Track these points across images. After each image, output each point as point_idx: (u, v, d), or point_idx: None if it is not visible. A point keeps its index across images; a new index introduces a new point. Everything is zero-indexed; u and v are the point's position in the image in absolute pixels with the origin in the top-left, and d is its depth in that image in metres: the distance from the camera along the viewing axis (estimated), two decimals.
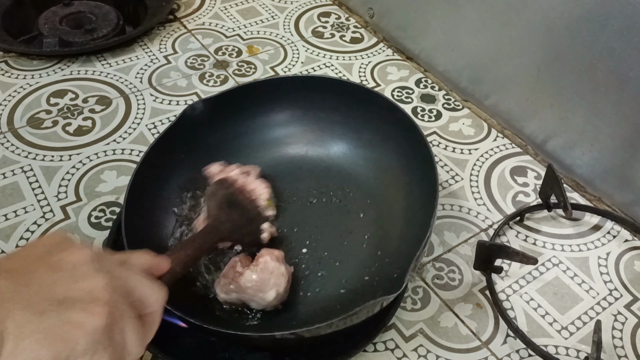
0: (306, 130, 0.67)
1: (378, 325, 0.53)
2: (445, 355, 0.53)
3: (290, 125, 0.67)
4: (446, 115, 0.80)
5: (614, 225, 0.66)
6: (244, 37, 0.91)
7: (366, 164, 0.64)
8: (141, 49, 0.87)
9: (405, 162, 0.61)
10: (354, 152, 0.65)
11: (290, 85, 0.67)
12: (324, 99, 0.65)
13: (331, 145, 0.66)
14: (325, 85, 0.66)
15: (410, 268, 0.45)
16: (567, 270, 0.61)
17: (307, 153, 0.67)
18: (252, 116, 0.66)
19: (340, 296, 0.54)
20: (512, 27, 0.71)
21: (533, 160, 0.74)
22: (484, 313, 0.57)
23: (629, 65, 0.60)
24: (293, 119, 0.67)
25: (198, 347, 0.51)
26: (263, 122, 0.67)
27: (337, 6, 1.00)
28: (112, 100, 0.78)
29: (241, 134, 0.66)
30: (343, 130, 0.66)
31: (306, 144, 0.67)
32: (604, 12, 0.60)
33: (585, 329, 0.56)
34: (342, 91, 0.65)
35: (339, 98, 0.65)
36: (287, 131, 0.67)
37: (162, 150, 0.59)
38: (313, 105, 0.66)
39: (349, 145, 0.66)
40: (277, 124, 0.67)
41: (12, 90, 0.79)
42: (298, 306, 0.54)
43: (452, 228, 0.65)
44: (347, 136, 0.66)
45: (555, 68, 0.68)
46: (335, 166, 0.65)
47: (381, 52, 0.90)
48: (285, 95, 0.66)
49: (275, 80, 0.74)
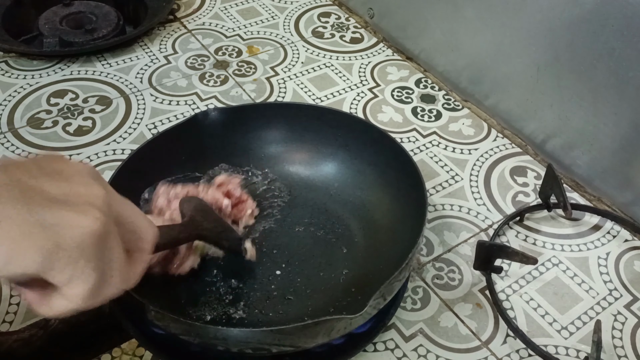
0: (309, 152, 0.67)
1: (378, 325, 0.53)
2: (445, 355, 0.53)
3: (294, 148, 0.67)
4: (446, 116, 0.80)
5: (613, 225, 0.66)
6: (244, 37, 0.91)
7: (361, 200, 0.63)
8: (141, 49, 0.87)
9: (398, 205, 0.60)
10: (353, 183, 0.64)
11: (304, 112, 0.67)
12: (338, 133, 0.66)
13: (329, 170, 0.66)
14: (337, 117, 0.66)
15: (375, 295, 0.45)
16: (567, 270, 0.61)
17: (308, 176, 0.66)
18: (255, 131, 0.67)
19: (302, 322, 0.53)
20: (512, 27, 0.71)
21: (533, 160, 0.74)
22: (483, 313, 0.57)
23: (629, 65, 0.60)
24: (304, 148, 0.67)
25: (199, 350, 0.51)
26: (264, 141, 0.67)
27: (337, 6, 1.00)
28: (113, 100, 0.78)
29: (243, 148, 0.66)
30: (346, 160, 0.66)
31: (305, 165, 0.67)
32: (604, 12, 0.60)
33: (585, 329, 0.56)
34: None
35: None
36: (287, 150, 0.67)
37: (160, 146, 0.60)
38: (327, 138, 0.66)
39: (349, 175, 0.65)
40: (276, 141, 0.67)
41: (12, 90, 0.79)
42: (259, 324, 0.52)
43: (452, 228, 0.65)
44: (349, 167, 0.65)
45: (555, 68, 0.68)
46: (330, 196, 0.64)
47: (381, 52, 0.90)
48: (295, 125, 0.66)
49: (286, 106, 0.73)
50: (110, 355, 0.51)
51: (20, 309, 0.54)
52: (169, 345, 0.51)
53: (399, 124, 0.78)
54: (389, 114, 0.79)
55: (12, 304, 0.54)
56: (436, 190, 0.69)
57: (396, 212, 0.60)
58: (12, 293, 0.55)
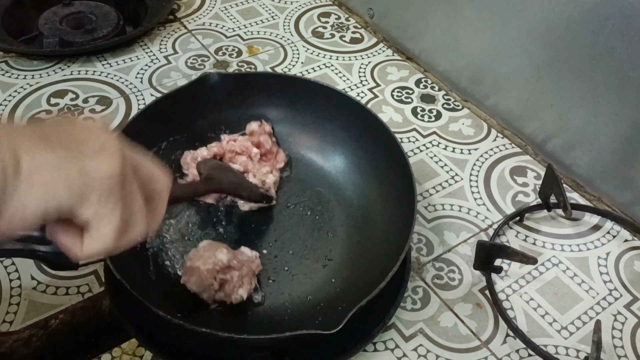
0: (310, 136, 0.68)
1: (378, 325, 0.53)
2: (445, 355, 0.53)
3: (294, 126, 0.68)
4: (446, 116, 0.80)
5: (613, 225, 0.66)
6: (244, 38, 0.91)
7: (355, 187, 0.64)
8: (141, 49, 0.87)
9: (391, 199, 0.61)
10: (351, 172, 0.66)
11: (308, 86, 0.68)
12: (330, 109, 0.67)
13: (331, 158, 0.67)
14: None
15: (352, 312, 0.45)
16: (566, 270, 0.61)
17: (303, 157, 0.68)
18: (263, 105, 0.68)
19: (282, 307, 0.54)
20: (512, 27, 0.71)
21: (533, 160, 0.74)
22: (483, 313, 0.57)
23: (629, 65, 0.60)
24: (300, 121, 0.68)
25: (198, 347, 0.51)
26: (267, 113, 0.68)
27: (337, 6, 1.00)
28: (113, 100, 0.78)
29: (244, 118, 0.67)
30: (344, 148, 0.67)
31: (306, 148, 0.68)
32: (604, 12, 0.60)
33: (585, 328, 0.56)
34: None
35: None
36: (287, 130, 0.68)
37: (163, 108, 0.62)
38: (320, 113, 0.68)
39: (348, 164, 0.66)
40: (278, 120, 0.68)
41: (12, 91, 0.79)
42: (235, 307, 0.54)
43: (451, 228, 0.65)
44: (346, 154, 0.67)
45: (555, 68, 0.68)
46: (326, 180, 0.66)
47: (381, 53, 0.90)
48: (301, 94, 0.67)
49: (293, 79, 0.74)
50: (110, 355, 0.51)
51: (20, 309, 0.54)
52: (169, 345, 0.51)
53: (399, 124, 0.78)
54: (389, 114, 0.79)
55: (12, 304, 0.54)
56: (436, 190, 0.69)
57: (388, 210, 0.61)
58: (12, 293, 0.55)
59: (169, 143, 0.64)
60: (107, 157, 0.31)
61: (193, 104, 0.66)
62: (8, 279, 0.56)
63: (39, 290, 0.55)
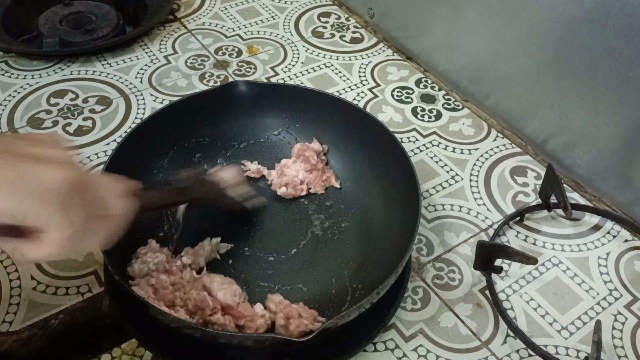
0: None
1: (378, 325, 0.53)
2: (445, 355, 0.53)
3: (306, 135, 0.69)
4: (446, 115, 0.80)
5: (614, 225, 0.66)
6: (244, 37, 0.91)
7: (356, 188, 0.65)
8: (141, 49, 0.87)
9: (393, 201, 0.61)
10: (351, 172, 0.66)
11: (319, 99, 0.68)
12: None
13: (336, 157, 0.68)
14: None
15: (327, 324, 0.44)
16: (567, 270, 0.61)
17: None
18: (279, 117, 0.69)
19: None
20: (512, 27, 0.71)
21: (533, 160, 0.74)
22: (483, 313, 0.57)
23: (629, 65, 0.60)
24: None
25: (197, 347, 0.51)
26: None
27: (337, 6, 1.00)
28: (112, 100, 0.78)
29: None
30: (351, 152, 0.67)
31: None
32: (604, 12, 0.60)
33: (585, 329, 0.56)
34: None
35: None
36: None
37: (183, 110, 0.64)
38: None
39: (345, 162, 0.67)
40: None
41: (12, 90, 0.79)
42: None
43: (452, 228, 0.65)
44: (346, 156, 0.67)
45: (555, 68, 0.68)
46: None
47: (381, 52, 0.90)
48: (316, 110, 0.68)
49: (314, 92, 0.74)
50: (110, 355, 0.51)
51: (20, 309, 0.54)
52: (169, 345, 0.51)
53: (399, 124, 0.77)
54: (389, 114, 0.79)
55: (12, 304, 0.54)
56: (436, 190, 0.69)
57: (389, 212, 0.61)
58: (12, 293, 0.55)
59: (190, 144, 0.66)
60: (57, 166, 0.33)
61: (220, 108, 0.67)
62: (8, 279, 0.56)
63: (39, 291, 0.55)
